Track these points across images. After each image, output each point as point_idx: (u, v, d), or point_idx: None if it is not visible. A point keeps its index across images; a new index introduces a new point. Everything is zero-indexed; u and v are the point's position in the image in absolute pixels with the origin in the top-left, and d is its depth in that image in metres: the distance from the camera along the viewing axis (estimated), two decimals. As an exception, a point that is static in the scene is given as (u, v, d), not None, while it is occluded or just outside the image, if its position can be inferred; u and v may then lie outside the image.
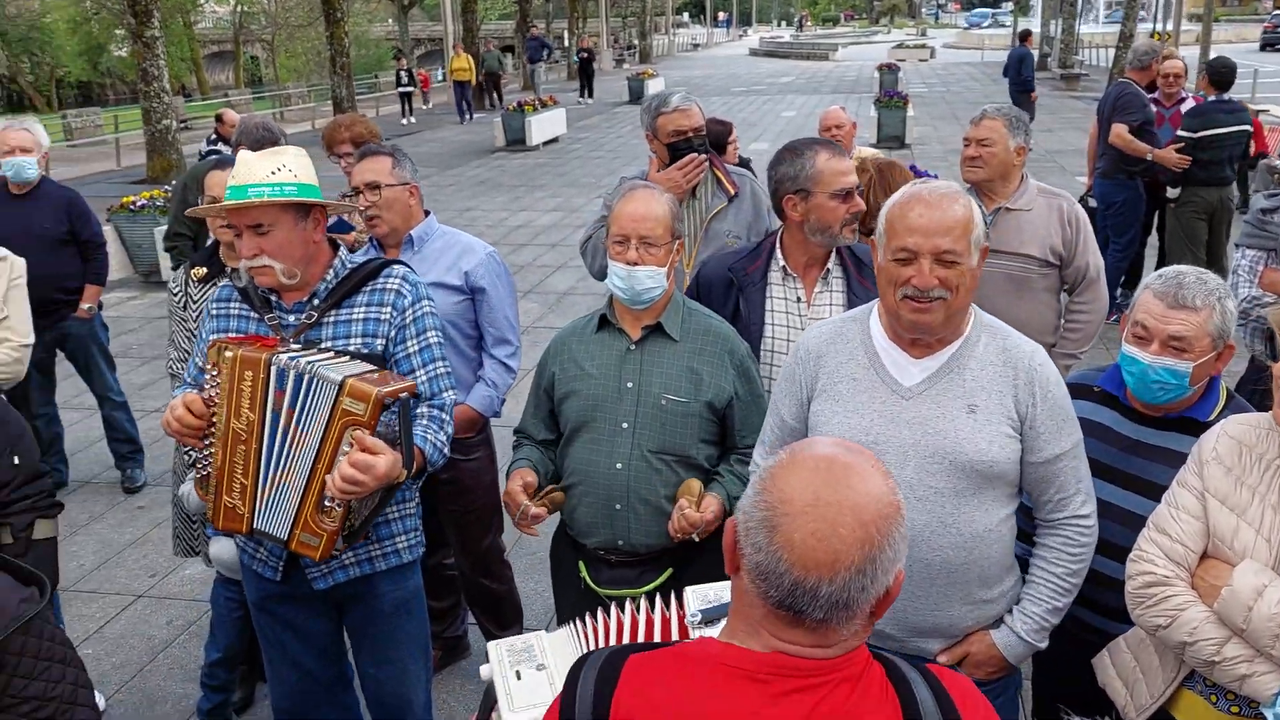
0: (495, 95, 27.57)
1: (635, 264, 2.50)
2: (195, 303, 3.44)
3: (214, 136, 11.83)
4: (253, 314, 2.55)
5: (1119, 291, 7.25)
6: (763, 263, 2.93)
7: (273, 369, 2.34)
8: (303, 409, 2.32)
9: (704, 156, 3.51)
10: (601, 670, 1.32)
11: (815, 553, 1.19)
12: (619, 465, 2.54)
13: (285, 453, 2.36)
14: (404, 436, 2.36)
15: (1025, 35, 18.54)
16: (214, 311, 2.61)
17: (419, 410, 2.54)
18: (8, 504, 2.60)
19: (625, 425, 2.54)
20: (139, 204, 9.94)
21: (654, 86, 27.96)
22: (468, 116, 25.04)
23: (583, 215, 12.88)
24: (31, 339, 3.58)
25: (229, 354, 2.37)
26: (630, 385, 2.56)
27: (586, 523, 2.61)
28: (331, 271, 2.54)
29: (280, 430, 2.35)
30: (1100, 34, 35.74)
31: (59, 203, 5.10)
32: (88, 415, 6.14)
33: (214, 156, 11.45)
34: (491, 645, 2.09)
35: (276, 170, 2.39)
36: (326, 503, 2.33)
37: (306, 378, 2.31)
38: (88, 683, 1.91)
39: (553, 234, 11.95)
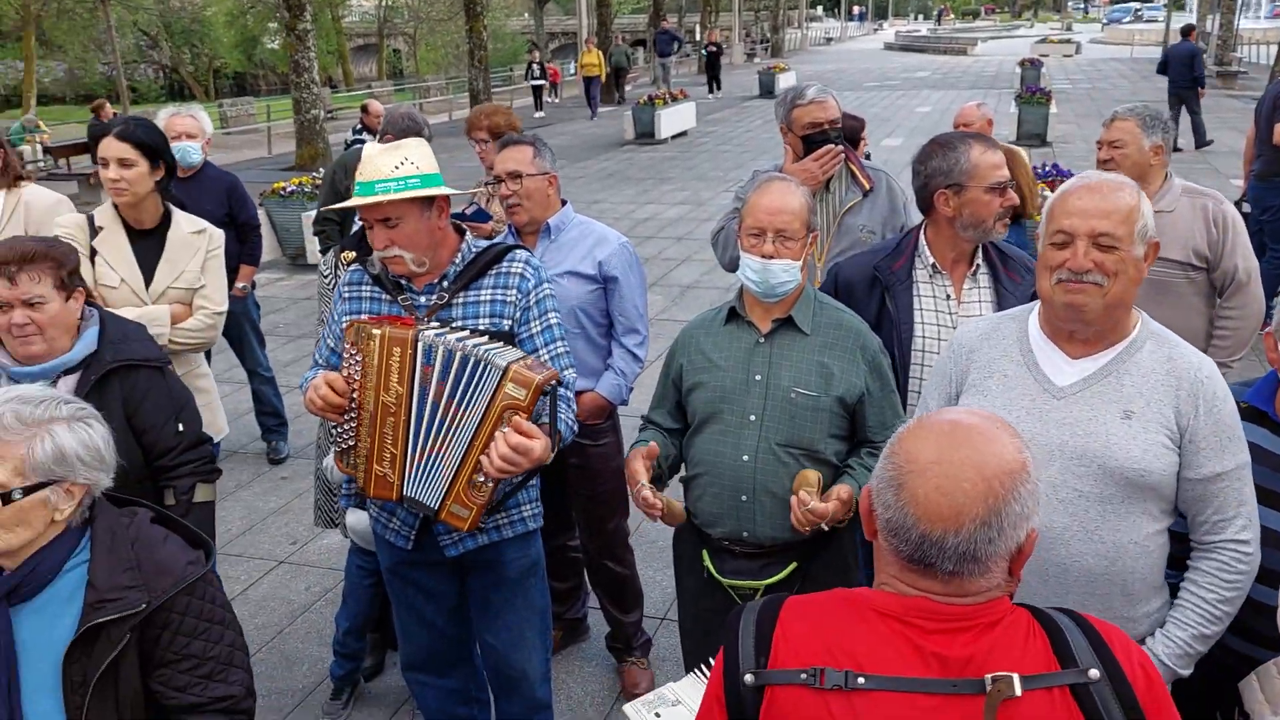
0: (619, 90, 27.63)
1: (771, 257, 2.51)
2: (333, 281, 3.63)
3: (359, 126, 12.33)
4: (384, 296, 2.67)
5: (1275, 301, 6.85)
6: (906, 260, 2.89)
7: (419, 345, 2.46)
8: (460, 386, 2.42)
9: (839, 148, 3.49)
10: (761, 613, 1.43)
11: (939, 507, 1.29)
12: (745, 457, 2.55)
13: (436, 424, 2.47)
14: (551, 421, 2.47)
15: (1189, 30, 17.57)
16: (345, 294, 2.74)
17: None
18: (172, 468, 2.79)
19: (753, 418, 2.55)
20: (289, 190, 10.43)
21: (785, 81, 27.67)
22: (591, 112, 25.17)
23: (709, 209, 12.90)
24: (225, 307, 3.77)
25: (376, 332, 2.49)
26: (759, 378, 2.57)
27: (711, 513, 2.63)
28: (459, 255, 2.65)
29: (430, 403, 2.47)
30: (1262, 30, 33.71)
31: (220, 186, 5.40)
32: (238, 389, 6.48)
33: (358, 145, 11.97)
34: (628, 707, 2.15)
35: (400, 164, 2.49)
36: (479, 479, 2.44)
37: (460, 355, 2.42)
38: (244, 646, 2.02)
39: (679, 227, 12.00)
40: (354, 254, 3.63)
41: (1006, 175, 2.78)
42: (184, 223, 3.78)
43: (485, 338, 2.51)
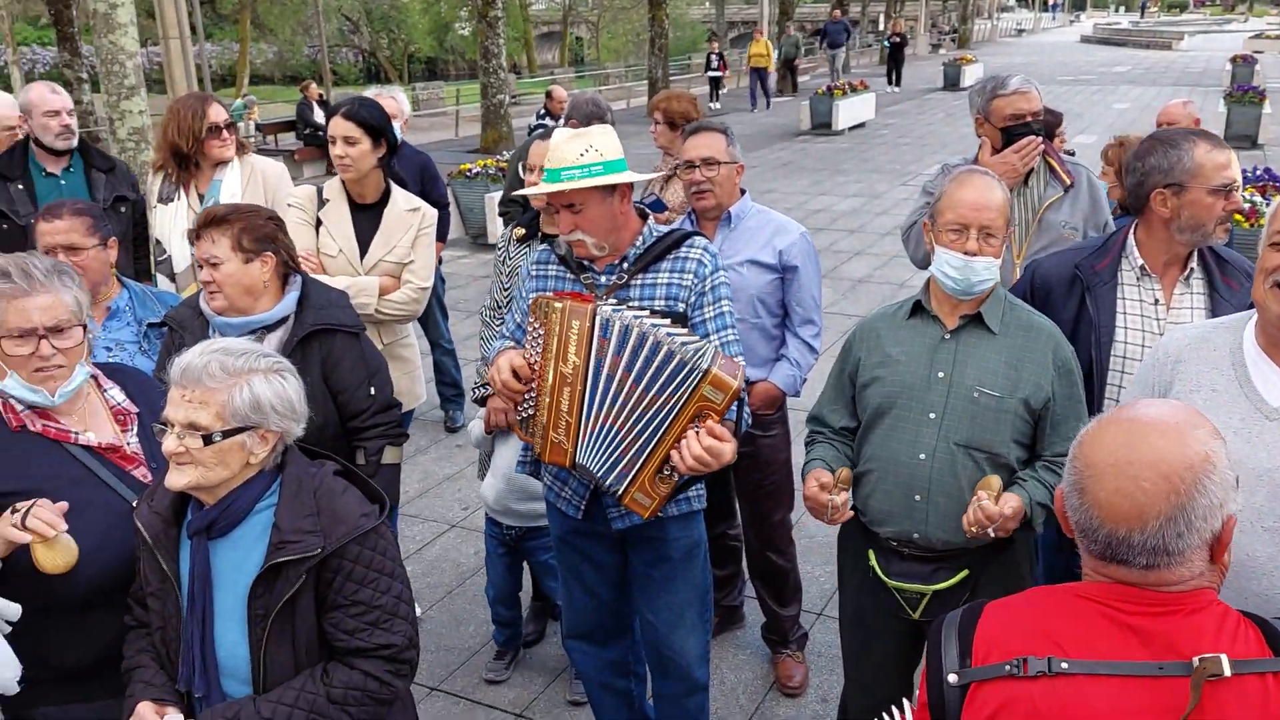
0: (792, 81, 27.01)
1: (974, 254, 2.43)
2: (510, 260, 3.74)
3: (542, 112, 12.64)
4: (568, 275, 2.76)
5: None
6: (1112, 260, 2.75)
7: (597, 319, 2.53)
8: (646, 371, 2.47)
9: (1040, 141, 3.36)
10: (962, 618, 1.46)
11: (1121, 508, 1.31)
12: (922, 456, 2.49)
13: (610, 395, 2.54)
14: (737, 421, 2.52)
15: None
16: (533, 272, 2.84)
17: None
18: (364, 429, 2.97)
19: (933, 415, 2.49)
20: (474, 171, 10.82)
21: (971, 73, 26.64)
22: (760, 104, 24.20)
23: (885, 202, 12.60)
24: (430, 283, 3.93)
25: (558, 306, 2.58)
26: (941, 375, 2.50)
27: (882, 511, 2.57)
28: (640, 239, 2.71)
29: (605, 374, 2.54)
30: None
31: (414, 165, 5.65)
32: (420, 358, 6.78)
33: (541, 130, 12.31)
34: None
35: (585, 151, 2.56)
36: (666, 470, 2.50)
37: (638, 332, 2.47)
38: (410, 599, 2.12)
39: (852, 219, 11.79)
40: (524, 231, 3.75)
41: (1233, 177, 2.59)
42: (401, 200, 3.98)
43: (667, 320, 2.55)
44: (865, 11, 45.81)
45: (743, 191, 3.50)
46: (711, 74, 25.43)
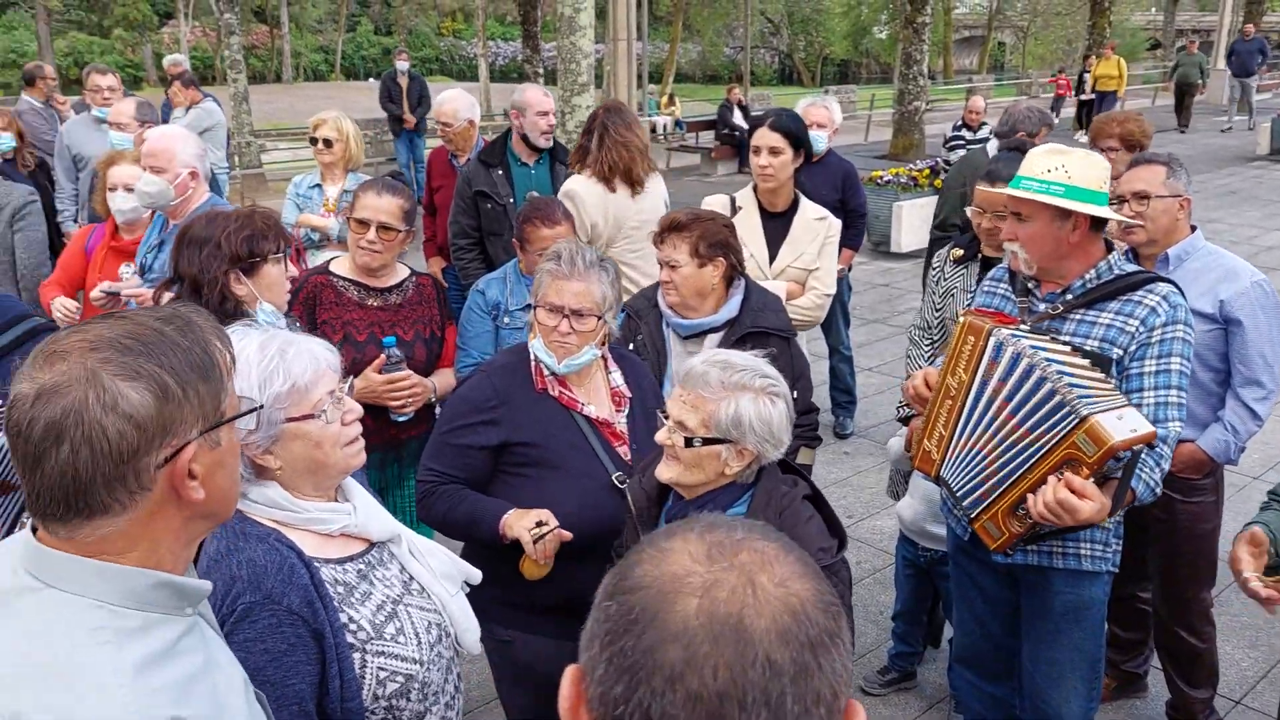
0: (1183, 114, 20.60)
1: None
2: (945, 280, 3.70)
3: (959, 124, 12.31)
4: (1012, 295, 2.70)
5: None
6: None
7: (991, 340, 2.48)
8: (1024, 403, 2.39)
9: None
10: None
11: None
12: None
13: (985, 420, 2.49)
14: (1121, 482, 2.33)
15: None
16: (985, 288, 2.84)
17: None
18: (784, 428, 3.11)
19: None
20: (885, 179, 10.77)
21: None
22: (1083, 132, 19.42)
23: (1363, 247, 10.83)
24: (834, 290, 4.07)
25: (963, 319, 2.59)
26: None
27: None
28: (1093, 272, 2.58)
29: (985, 398, 2.49)
30: None
31: (838, 173, 5.77)
32: (815, 361, 6.91)
33: (956, 142, 11.96)
34: None
35: (1052, 169, 2.49)
36: (1020, 510, 2.41)
37: (1026, 364, 2.39)
38: (850, 636, 2.12)
39: (1317, 263, 10.26)
40: (962, 251, 3.70)
41: None
42: (809, 209, 4.12)
43: (1085, 361, 2.43)
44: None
45: (1193, 228, 3.21)
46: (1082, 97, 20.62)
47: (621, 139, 4.24)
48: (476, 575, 2.03)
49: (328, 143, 4.88)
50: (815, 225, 4.08)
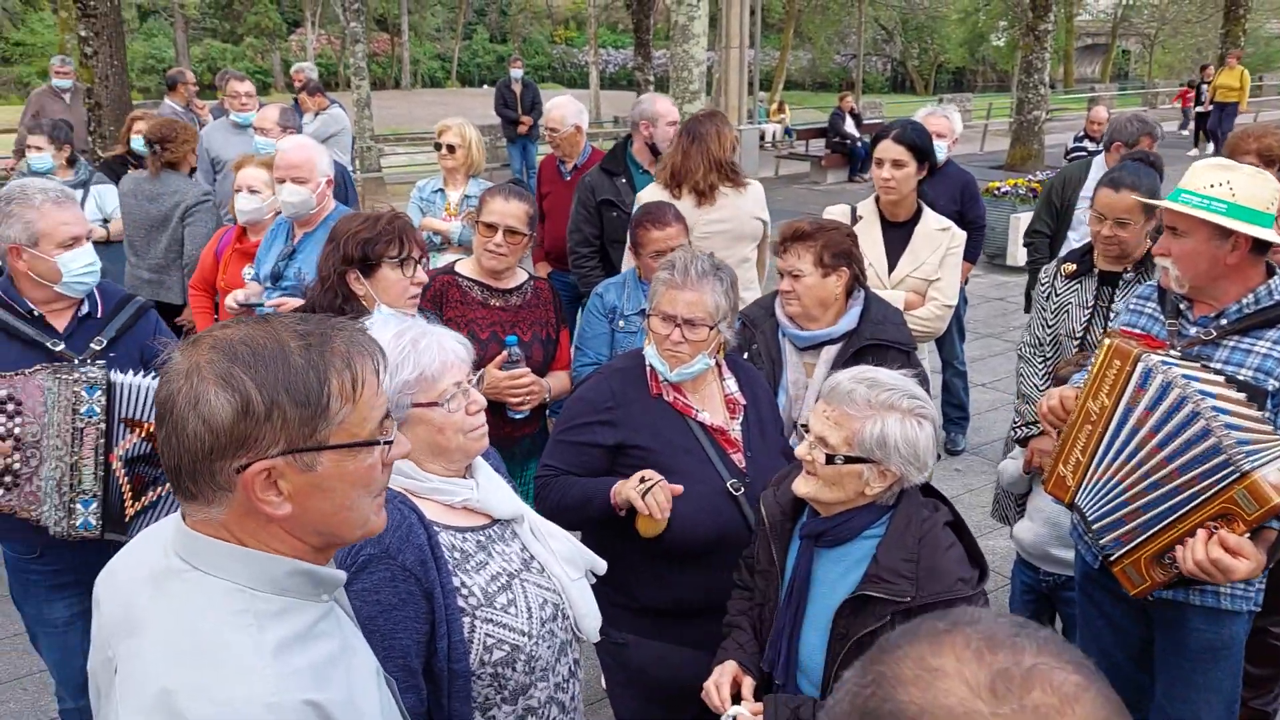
0: None
1: None
2: (1058, 295, 3.60)
3: (1081, 134, 11.91)
4: (1160, 316, 2.60)
5: None
6: None
7: (1139, 366, 2.37)
8: (1173, 439, 2.29)
9: None
10: None
11: None
12: None
13: (1127, 451, 2.39)
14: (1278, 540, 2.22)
15: None
16: (1131, 306, 2.74)
17: None
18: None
19: None
20: (1002, 190, 10.51)
21: None
22: (1204, 147, 18.09)
23: None
24: (954, 302, 4.00)
25: (1107, 341, 2.48)
26: None
27: None
28: (1252, 297, 2.45)
29: (1129, 427, 2.38)
30: None
31: (956, 183, 5.66)
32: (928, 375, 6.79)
33: (1078, 155, 11.58)
34: None
35: (1216, 185, 2.39)
36: (1166, 559, 2.32)
37: (1178, 394, 2.27)
38: None
39: None
40: (1074, 267, 3.59)
41: None
42: (931, 219, 4.05)
43: (1239, 394, 2.31)
44: None
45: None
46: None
47: (692, 149, 4.21)
48: (601, 565, 2.07)
49: (451, 148, 5.02)
50: (937, 236, 4.01)
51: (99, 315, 2.90)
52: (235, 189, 4.32)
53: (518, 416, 3.40)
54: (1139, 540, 2.37)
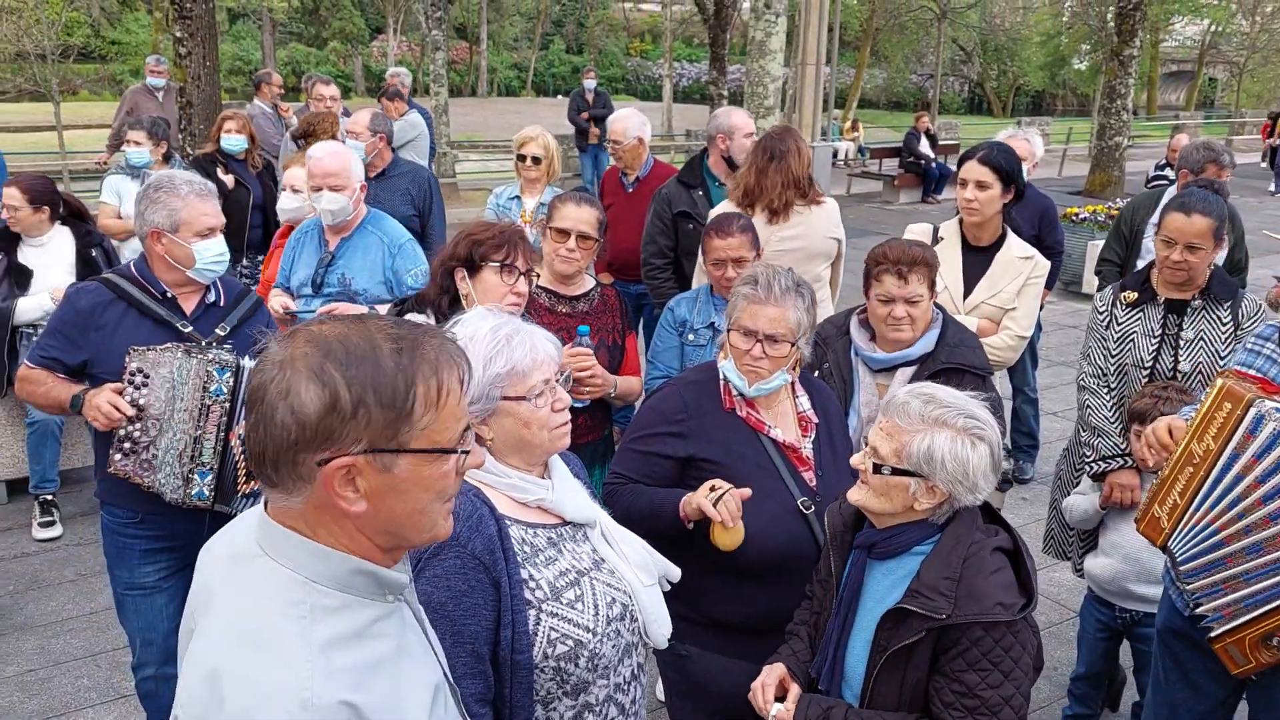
0: None
1: None
2: (1120, 324, 3.53)
3: (1163, 162, 11.64)
4: (1278, 358, 2.53)
5: None
6: None
7: (1251, 411, 2.30)
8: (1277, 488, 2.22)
9: None
10: None
11: None
12: None
13: (1228, 499, 2.31)
14: None
15: None
16: (1249, 345, 2.67)
17: None
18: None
19: None
20: (1080, 216, 10.32)
21: None
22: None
23: None
24: (1029, 334, 3.92)
25: (1220, 381, 2.40)
26: None
27: None
28: None
29: (1233, 473, 2.31)
30: None
31: (1035, 208, 5.55)
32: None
33: (1159, 183, 11.32)
34: None
35: None
36: (1274, 640, 2.24)
37: None
38: (1022, 706, 1.97)
39: None
40: (1135, 295, 3.51)
41: None
42: (1015, 246, 3.98)
43: None
44: None
45: None
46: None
47: (769, 168, 4.18)
48: (675, 572, 2.08)
49: (536, 160, 5.10)
50: (1019, 264, 3.93)
51: (222, 304, 3.07)
52: (281, 188, 4.45)
53: (578, 404, 3.41)
54: (1244, 620, 2.30)
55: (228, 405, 2.86)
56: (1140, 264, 5.22)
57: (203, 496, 2.87)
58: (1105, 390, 3.55)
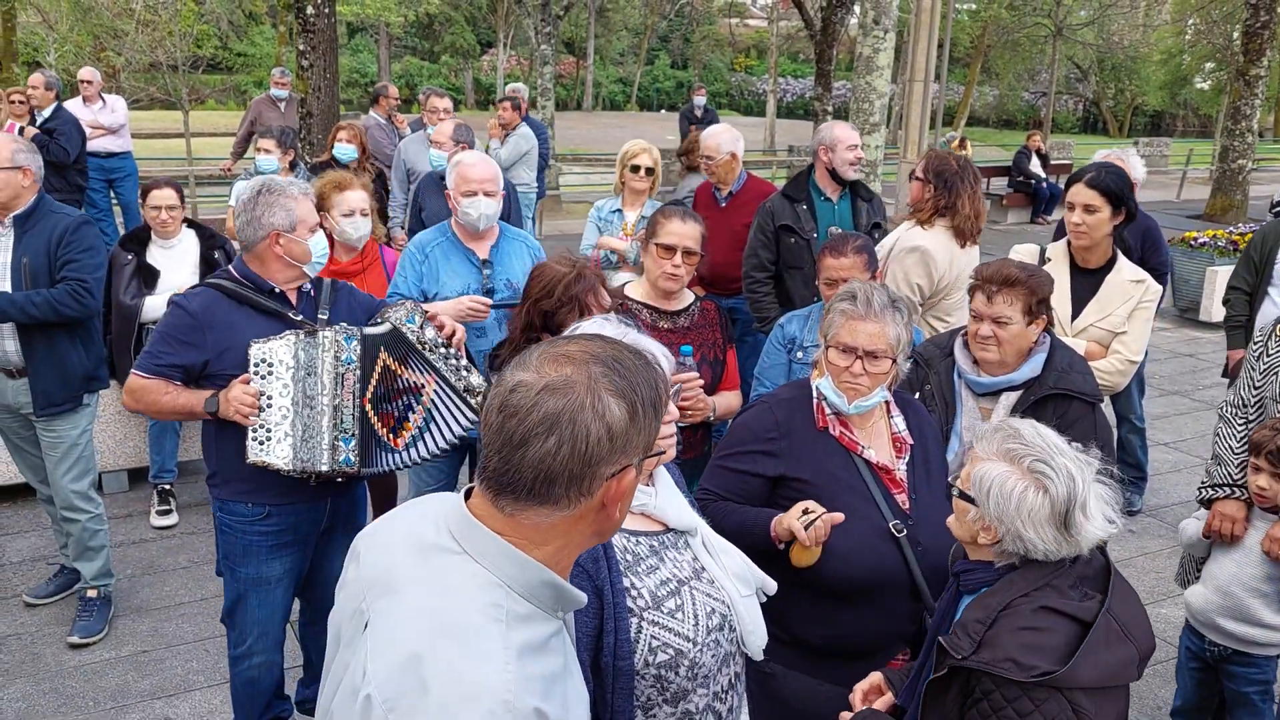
0: None
1: None
2: (1269, 356, 3.39)
3: (1293, 185, 11.13)
4: None
5: None
6: None
7: None
8: None
9: None
10: None
11: None
12: None
13: None
14: None
15: None
16: None
17: None
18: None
19: None
20: (1199, 241, 9.94)
21: None
22: None
23: None
24: (1140, 358, 3.81)
25: None
26: None
27: None
28: None
29: None
30: None
31: (1138, 228, 5.29)
32: (1102, 430, 6.48)
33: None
34: None
35: None
36: None
37: None
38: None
39: None
40: None
41: None
42: (1126, 270, 3.88)
43: None
44: None
45: None
46: None
47: (974, 193, 4.11)
48: (772, 584, 2.09)
49: (649, 171, 5.16)
50: (1130, 288, 3.83)
51: (314, 294, 3.20)
52: (344, 213, 4.27)
53: (679, 425, 3.44)
54: None
55: (359, 371, 2.98)
56: (1273, 291, 5.04)
57: (349, 462, 2.97)
58: (1241, 422, 3.41)
